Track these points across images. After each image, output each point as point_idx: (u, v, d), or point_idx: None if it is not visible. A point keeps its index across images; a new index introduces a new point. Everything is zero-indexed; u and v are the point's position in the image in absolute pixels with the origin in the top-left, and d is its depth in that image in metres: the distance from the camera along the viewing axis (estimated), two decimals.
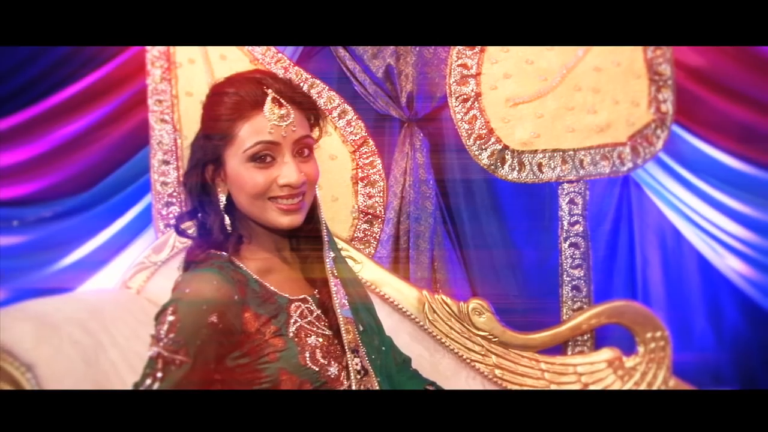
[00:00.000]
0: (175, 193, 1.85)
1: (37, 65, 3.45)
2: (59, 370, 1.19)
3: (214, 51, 1.81)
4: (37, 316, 1.27)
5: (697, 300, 3.43)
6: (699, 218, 3.36)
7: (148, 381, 1.13)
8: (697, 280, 3.44)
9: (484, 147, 1.82)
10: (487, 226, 3.26)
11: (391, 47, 3.30)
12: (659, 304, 3.52)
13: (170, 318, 1.13)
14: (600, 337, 1.87)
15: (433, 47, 3.30)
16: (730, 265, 3.34)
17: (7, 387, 1.16)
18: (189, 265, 1.23)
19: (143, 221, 3.45)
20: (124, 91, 3.44)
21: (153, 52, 1.85)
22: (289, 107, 1.21)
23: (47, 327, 1.24)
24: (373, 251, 1.85)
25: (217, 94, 1.24)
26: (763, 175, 3.28)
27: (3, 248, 3.58)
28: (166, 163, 1.83)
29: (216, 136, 1.21)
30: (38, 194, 3.51)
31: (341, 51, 3.27)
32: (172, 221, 1.82)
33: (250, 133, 1.18)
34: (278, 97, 1.20)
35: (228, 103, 1.20)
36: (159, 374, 1.13)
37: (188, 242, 1.55)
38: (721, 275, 3.33)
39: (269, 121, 1.18)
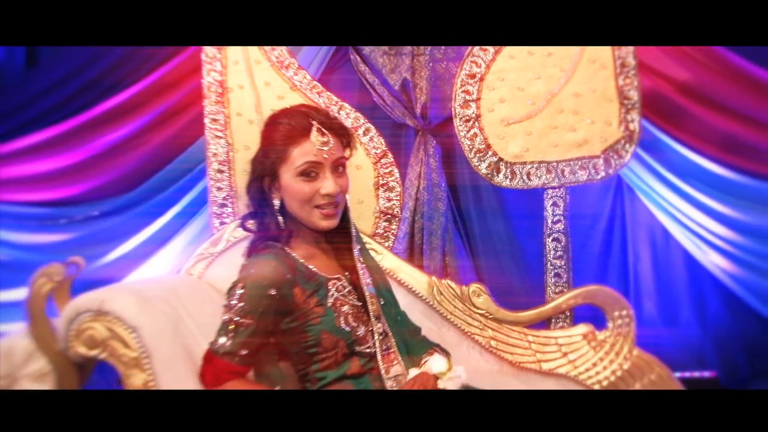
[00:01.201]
0: (227, 197, 2.24)
1: (80, 78, 3.86)
2: (155, 332, 1.59)
3: (260, 78, 2.21)
4: (135, 292, 1.68)
5: (683, 292, 3.88)
6: (685, 218, 3.72)
7: (222, 339, 1.54)
8: (683, 274, 3.88)
9: (483, 159, 2.22)
10: (493, 224, 3.65)
11: (407, 62, 3.69)
12: (649, 295, 3.88)
13: (239, 291, 1.54)
14: (577, 315, 2.25)
15: (445, 63, 3.69)
16: (713, 261, 3.76)
17: (118, 345, 1.57)
18: (251, 253, 1.65)
19: (181, 220, 3.87)
20: (159, 105, 3.86)
21: (208, 78, 2.24)
22: (329, 135, 1.61)
23: (143, 300, 1.65)
24: (391, 245, 2.25)
25: (273, 122, 1.65)
26: (743, 180, 3.63)
27: (53, 244, 4.01)
28: (221, 171, 2.23)
29: (272, 155, 1.61)
30: (85, 195, 3.93)
31: (362, 65, 3.68)
32: (226, 219, 2.22)
33: (300, 154, 1.58)
34: (321, 128, 1.60)
35: (282, 131, 1.61)
36: (231, 334, 1.54)
37: (240, 237, 1.97)
38: (705, 270, 3.76)
39: (314, 146, 1.58)
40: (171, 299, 1.75)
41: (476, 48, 2.24)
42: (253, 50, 2.21)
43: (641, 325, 3.76)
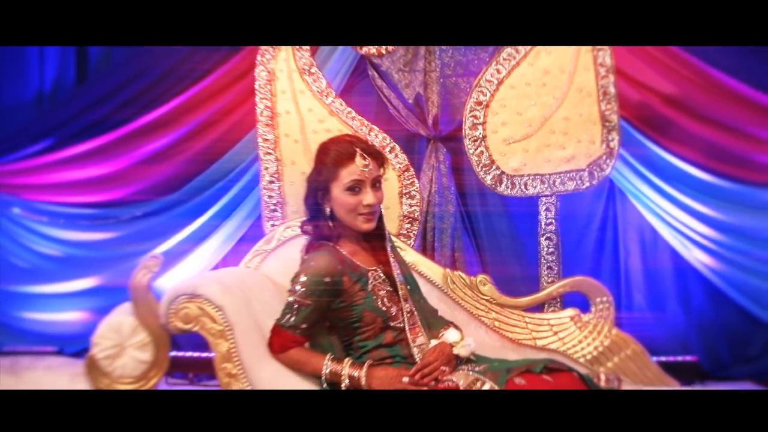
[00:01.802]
0: (277, 204, 2.72)
1: (124, 93, 4.21)
2: (235, 310, 2.08)
3: (304, 105, 2.70)
4: (217, 280, 2.17)
5: (669, 285, 4.17)
6: (671, 219, 4.01)
7: (287, 316, 2.03)
8: (669, 269, 4.18)
9: (488, 172, 2.71)
10: (497, 224, 4.07)
11: (420, 78, 4.12)
12: (639, 288, 4.15)
13: (302, 279, 2.04)
14: (566, 301, 2.71)
15: (454, 78, 4.12)
16: (697, 257, 4.05)
17: (207, 321, 2.06)
18: (309, 250, 2.14)
19: (215, 221, 4.24)
20: (194, 118, 4.22)
21: (260, 105, 2.73)
22: (369, 158, 2.11)
23: (225, 286, 2.14)
24: (412, 243, 2.72)
25: (325, 149, 2.14)
26: (724, 183, 3.90)
27: (101, 242, 4.39)
28: (271, 182, 2.72)
29: (325, 175, 2.11)
30: (130, 197, 4.28)
31: (379, 81, 4.10)
32: (276, 222, 2.70)
33: (347, 174, 2.08)
34: (363, 153, 2.10)
35: (333, 156, 2.10)
36: (294, 312, 2.03)
37: (287, 237, 2.46)
38: (689, 265, 4.03)
39: (358, 167, 2.08)
40: (242, 286, 2.24)
41: (483, 80, 2.71)
42: (298, 81, 2.69)
43: (633, 315, 4.19)
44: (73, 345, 4.14)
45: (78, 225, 4.39)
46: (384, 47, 2.73)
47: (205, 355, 4.03)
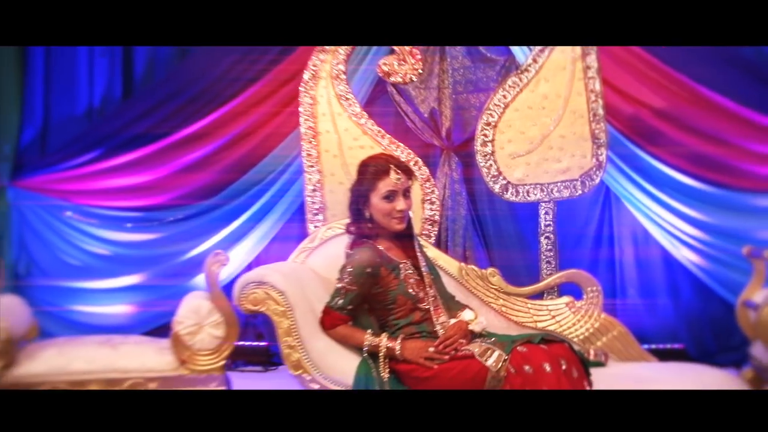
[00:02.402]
0: (319, 209, 3.26)
1: (165, 108, 4.78)
2: (293, 294, 2.62)
3: (341, 125, 3.26)
4: (278, 271, 2.73)
5: (660, 280, 4.75)
6: (661, 220, 4.56)
7: (336, 300, 2.60)
8: (660, 266, 4.76)
9: (496, 182, 3.27)
10: (504, 226, 4.63)
11: (435, 95, 4.67)
12: (632, 283, 4.71)
13: (349, 269, 2.60)
14: (562, 290, 3.24)
15: (465, 95, 4.67)
16: (685, 255, 4.59)
17: (272, 303, 2.62)
18: (353, 246, 2.70)
19: (249, 224, 4.80)
20: (230, 131, 4.74)
21: (304, 126, 3.30)
22: (400, 172, 2.67)
23: (284, 276, 2.69)
24: (432, 241, 3.29)
25: (365, 165, 2.71)
26: (708, 188, 4.44)
27: (146, 242, 4.93)
28: (314, 191, 3.26)
29: (365, 186, 2.68)
30: (172, 201, 4.82)
31: (397, 97, 4.67)
32: (318, 224, 3.26)
33: (383, 186, 2.63)
34: (396, 168, 2.66)
35: (371, 171, 2.67)
36: (341, 296, 2.60)
37: (328, 237, 3.03)
38: (678, 262, 4.62)
39: (392, 180, 2.64)
40: (296, 276, 2.81)
41: (491, 104, 3.26)
42: (336, 106, 3.25)
43: (627, 307, 4.68)
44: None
45: (124, 227, 4.89)
46: (409, 76, 3.27)
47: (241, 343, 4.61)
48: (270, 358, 4.79)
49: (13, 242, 4.95)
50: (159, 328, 4.42)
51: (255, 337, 4.94)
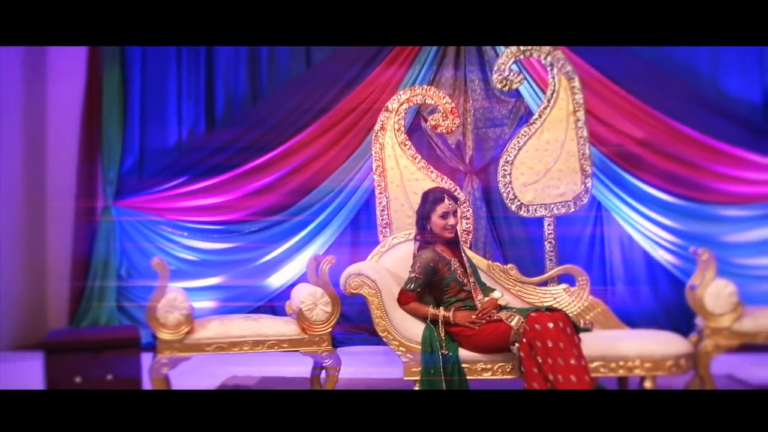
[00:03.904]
0: (386, 224, 4.80)
1: (240, 141, 6.30)
2: (380, 282, 4.11)
3: (402, 163, 4.83)
4: (370, 266, 4.29)
5: (642, 275, 6.13)
6: (642, 228, 5.95)
7: (409, 284, 4.13)
8: (642, 264, 6.14)
9: (512, 203, 4.79)
10: (516, 234, 6.17)
11: (460, 130, 6.19)
12: (620, 278, 6.10)
13: (418, 265, 4.13)
14: (560, 279, 4.74)
15: (484, 129, 6.21)
16: (662, 256, 6.03)
17: (366, 288, 4.15)
18: (420, 249, 4.26)
19: (310, 235, 6.27)
20: (294, 161, 6.23)
21: (377, 162, 4.89)
22: (450, 199, 4.25)
23: (373, 269, 4.26)
24: (468, 246, 4.86)
25: (427, 194, 4.24)
26: (681, 202, 5.82)
27: (227, 249, 6.42)
28: (383, 211, 4.79)
29: (427, 209, 4.24)
30: (248, 217, 6.32)
31: (430, 131, 6.22)
32: (386, 235, 4.81)
33: (440, 208, 4.12)
34: (448, 197, 4.22)
35: (431, 198, 4.19)
36: (412, 281, 4.13)
37: (395, 243, 4.62)
38: (657, 262, 6.07)
39: (446, 204, 4.18)
40: (378, 270, 4.36)
41: (509, 147, 4.75)
42: (398, 150, 4.74)
43: (615, 297, 6.12)
44: None
45: (209, 237, 6.38)
46: (450, 128, 4.84)
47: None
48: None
49: (117, 250, 6.46)
50: None
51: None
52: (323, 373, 4.19)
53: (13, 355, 6.02)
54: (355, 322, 6.13)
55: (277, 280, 6.39)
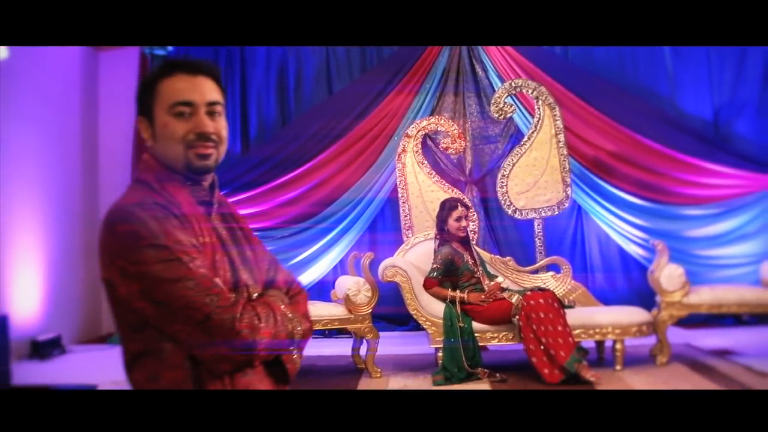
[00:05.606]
0: (408, 227, 6.37)
1: (273, 159, 7.57)
2: (410, 271, 5.62)
3: (420, 178, 6.43)
4: (401, 260, 5.89)
5: (617, 267, 7.47)
6: (616, 226, 7.30)
7: (432, 273, 5.67)
8: (617, 258, 7.50)
9: (508, 208, 6.31)
10: (511, 235, 7.72)
11: (463, 145, 7.83)
12: (598, 269, 7.46)
13: (439, 258, 5.67)
14: (548, 268, 6.28)
15: (481, 146, 7.74)
16: (635, 250, 7.37)
17: (399, 276, 5.70)
18: (439, 246, 5.82)
19: (332, 240, 7.65)
20: (317, 177, 7.55)
21: (399, 180, 6.49)
22: (463, 207, 5.82)
23: (404, 261, 5.84)
24: (475, 243, 6.42)
25: (443, 204, 5.80)
26: (649, 204, 7.16)
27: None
28: (406, 216, 6.34)
29: (444, 216, 5.83)
30: (281, 224, 7.57)
31: (434, 148, 7.81)
32: (409, 236, 6.39)
33: (455, 214, 5.65)
34: (461, 204, 5.84)
35: (447, 206, 5.70)
36: (435, 270, 5.70)
37: (416, 242, 6.26)
38: (630, 255, 7.38)
39: (459, 211, 5.73)
40: (406, 262, 5.95)
41: (504, 163, 6.35)
42: (417, 167, 6.36)
43: (595, 287, 7.71)
44: None
45: None
46: (458, 149, 6.45)
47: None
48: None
49: None
50: None
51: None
52: (363, 351, 5.63)
53: (77, 347, 7.36)
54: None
55: (306, 278, 7.59)
